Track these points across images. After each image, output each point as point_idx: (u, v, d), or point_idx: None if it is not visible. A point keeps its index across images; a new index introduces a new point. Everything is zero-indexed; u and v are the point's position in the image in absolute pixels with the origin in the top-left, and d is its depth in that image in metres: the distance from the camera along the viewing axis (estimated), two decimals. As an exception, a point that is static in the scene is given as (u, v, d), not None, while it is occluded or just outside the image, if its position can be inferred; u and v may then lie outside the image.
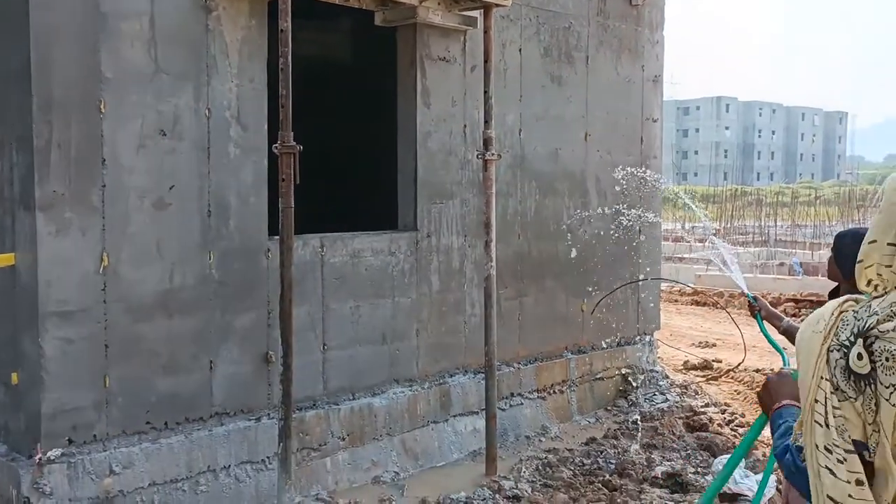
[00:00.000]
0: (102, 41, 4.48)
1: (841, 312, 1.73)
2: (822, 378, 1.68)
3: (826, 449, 1.66)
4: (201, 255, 4.94)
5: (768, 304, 4.25)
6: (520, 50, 6.81)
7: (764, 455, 6.18)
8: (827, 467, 1.66)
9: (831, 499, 1.65)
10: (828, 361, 1.68)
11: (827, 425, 1.67)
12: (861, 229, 3.85)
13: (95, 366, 4.54)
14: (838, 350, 1.68)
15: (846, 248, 3.72)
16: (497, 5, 5.88)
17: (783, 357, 4.02)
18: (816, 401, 1.69)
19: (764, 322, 4.16)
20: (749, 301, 4.21)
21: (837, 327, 1.70)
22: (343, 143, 8.19)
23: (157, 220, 4.74)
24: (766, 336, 4.16)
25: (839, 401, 1.66)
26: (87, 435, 4.52)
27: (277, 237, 4.90)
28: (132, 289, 4.65)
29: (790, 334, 4.11)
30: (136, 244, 4.66)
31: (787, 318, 4.21)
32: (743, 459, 4.19)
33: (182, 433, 4.88)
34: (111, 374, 4.59)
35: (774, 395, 2.49)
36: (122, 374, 4.63)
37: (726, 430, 6.95)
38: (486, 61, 5.90)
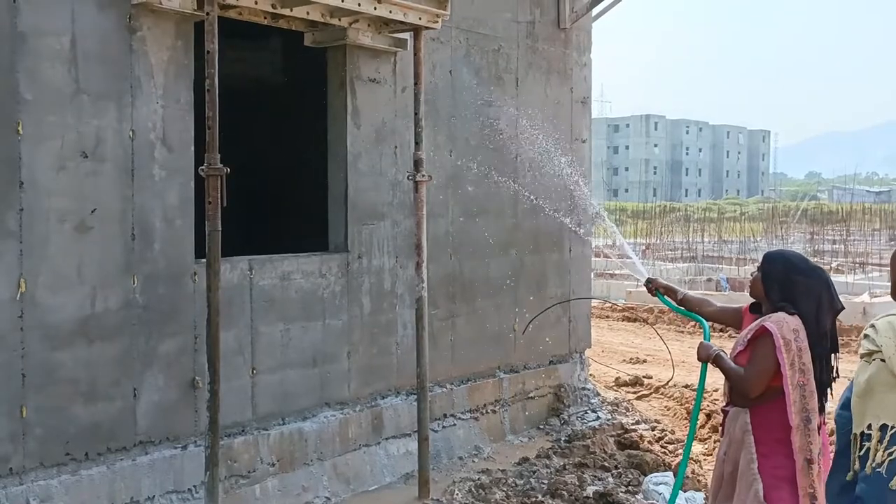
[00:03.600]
0: (20, 61, 4.35)
1: None
2: None
3: None
4: (124, 279, 4.81)
5: (661, 280, 4.53)
6: (450, 72, 6.86)
7: (693, 472, 6.30)
8: None
9: None
10: None
11: None
12: (789, 253, 3.98)
13: (11, 395, 4.36)
14: None
15: (776, 274, 3.85)
16: (427, 28, 5.91)
17: (703, 325, 4.24)
18: None
19: (665, 297, 4.46)
20: (646, 286, 4.50)
21: None
22: (273, 164, 8.11)
23: (78, 244, 4.60)
24: (677, 309, 4.52)
25: None
26: (2, 468, 4.33)
27: (204, 260, 4.81)
28: (51, 315, 4.50)
29: (687, 303, 4.41)
30: (56, 269, 4.51)
31: (681, 290, 4.46)
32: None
33: (104, 464, 4.72)
34: (28, 404, 4.42)
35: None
36: (40, 404, 4.46)
37: (656, 447, 7.06)
38: (416, 83, 5.92)
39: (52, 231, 4.49)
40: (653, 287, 4.53)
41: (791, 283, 3.78)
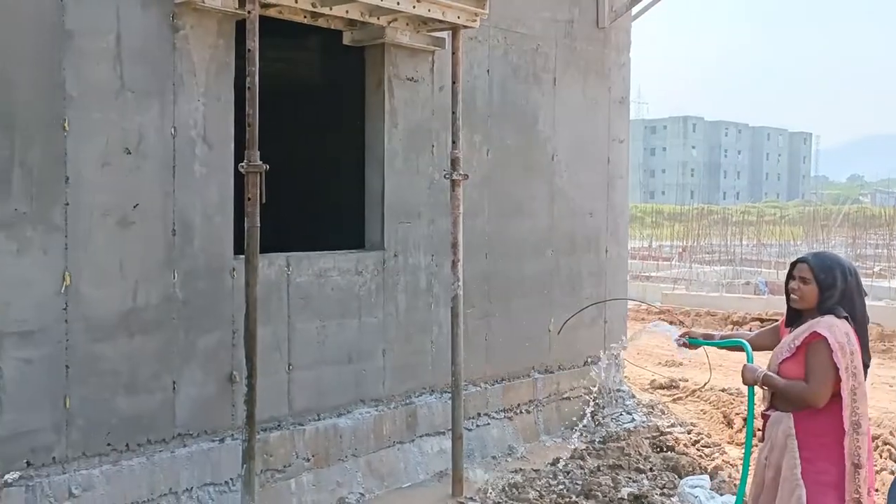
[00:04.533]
0: (67, 59, 4.44)
1: None
2: None
3: None
4: (165, 274, 4.89)
5: (694, 330, 4.41)
6: (488, 71, 6.86)
7: (730, 476, 6.23)
8: None
9: None
10: None
11: None
12: (830, 255, 3.87)
13: (55, 387, 4.46)
14: None
15: (837, 282, 3.71)
16: (465, 27, 5.92)
17: (745, 347, 4.09)
18: None
19: (704, 340, 4.33)
20: (685, 343, 4.30)
21: None
22: (310, 161, 8.18)
23: (121, 239, 4.69)
24: (717, 344, 4.35)
25: None
26: (45, 457, 4.44)
27: (243, 256, 4.87)
28: (94, 308, 4.59)
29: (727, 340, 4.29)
30: (99, 263, 4.60)
31: (717, 333, 4.38)
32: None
33: (143, 455, 4.81)
34: (71, 395, 4.51)
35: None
36: (83, 395, 4.55)
37: (692, 450, 6.99)
38: (454, 82, 5.93)
39: (95, 226, 4.58)
40: (690, 342, 4.30)
41: (848, 287, 3.72)
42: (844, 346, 3.59)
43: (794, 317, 3.88)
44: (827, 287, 3.72)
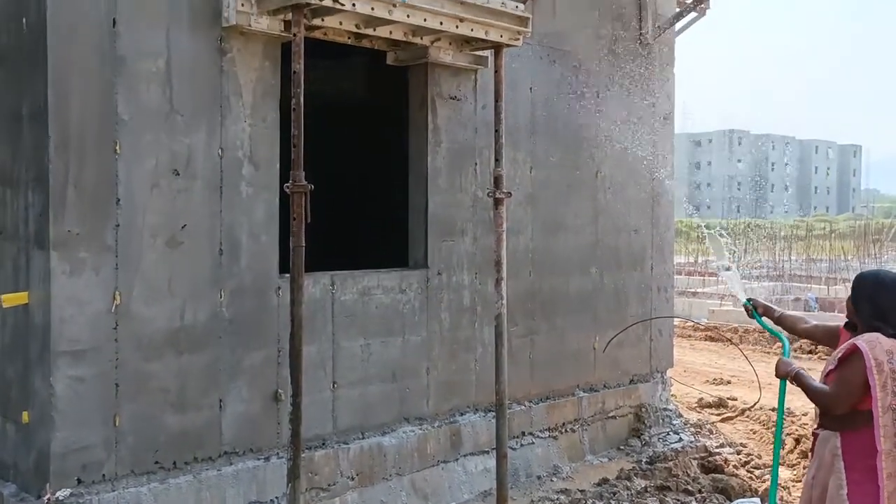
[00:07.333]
0: (119, 82, 4.54)
1: None
2: None
3: None
4: (212, 292, 4.95)
5: (761, 301, 4.48)
6: (531, 88, 6.85)
7: (782, 499, 6.09)
8: None
9: None
10: None
11: None
12: (882, 273, 3.86)
13: (106, 404, 4.53)
14: None
15: (865, 291, 3.77)
16: (508, 45, 5.92)
17: (783, 342, 4.33)
18: None
19: (763, 318, 4.43)
20: (745, 306, 4.50)
21: None
22: (354, 181, 8.24)
23: (170, 259, 4.77)
24: (766, 327, 4.52)
25: None
26: (96, 475, 4.50)
27: (288, 275, 4.90)
28: (143, 327, 4.66)
29: (783, 322, 4.40)
30: (148, 282, 4.68)
31: (778, 309, 4.41)
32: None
33: (191, 473, 4.86)
34: (121, 413, 4.58)
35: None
36: (132, 413, 4.62)
37: (742, 471, 6.85)
38: (496, 100, 5.92)
39: (145, 246, 4.66)
40: (751, 309, 4.47)
41: (878, 304, 3.71)
42: (883, 364, 3.58)
43: (852, 328, 3.87)
44: (854, 294, 3.80)
